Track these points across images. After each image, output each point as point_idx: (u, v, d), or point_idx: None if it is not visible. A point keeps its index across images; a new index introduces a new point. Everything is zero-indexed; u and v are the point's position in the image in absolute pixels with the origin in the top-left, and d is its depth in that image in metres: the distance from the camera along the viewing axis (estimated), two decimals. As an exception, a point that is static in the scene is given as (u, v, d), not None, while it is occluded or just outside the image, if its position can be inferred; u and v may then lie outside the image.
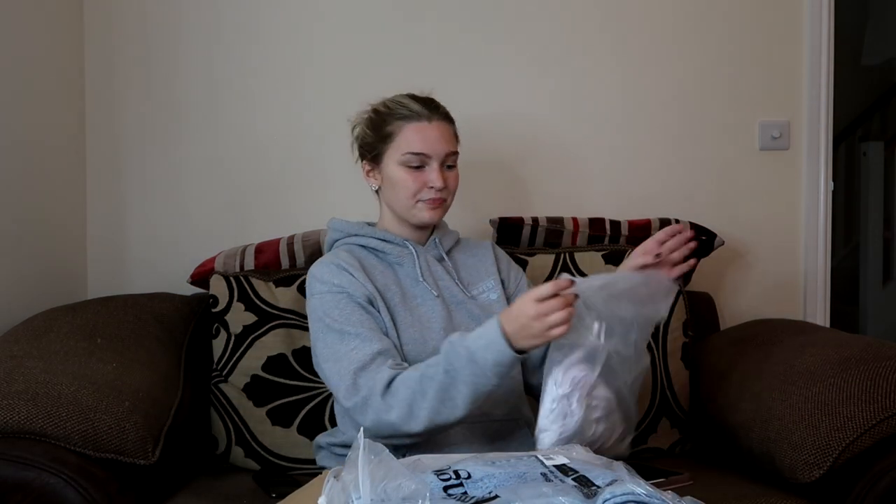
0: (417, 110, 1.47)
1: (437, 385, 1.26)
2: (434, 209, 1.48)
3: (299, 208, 2.06)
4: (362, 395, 1.31)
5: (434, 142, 1.46)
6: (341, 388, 1.34)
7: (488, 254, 1.61)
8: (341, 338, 1.38)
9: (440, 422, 1.28)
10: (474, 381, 1.24)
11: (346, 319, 1.39)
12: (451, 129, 1.51)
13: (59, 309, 1.68)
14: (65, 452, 1.24)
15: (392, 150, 1.47)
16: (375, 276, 1.47)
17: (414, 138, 1.46)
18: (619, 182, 2.15)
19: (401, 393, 1.29)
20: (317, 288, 1.45)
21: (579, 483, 0.89)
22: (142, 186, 2.06)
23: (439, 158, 1.46)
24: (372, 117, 1.52)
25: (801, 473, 1.35)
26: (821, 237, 2.20)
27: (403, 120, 1.47)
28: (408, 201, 1.48)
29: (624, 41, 2.14)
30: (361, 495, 0.81)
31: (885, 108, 4.59)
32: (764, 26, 2.17)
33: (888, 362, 1.43)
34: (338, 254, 1.50)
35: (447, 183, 1.48)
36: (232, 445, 1.69)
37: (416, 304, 1.47)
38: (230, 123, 2.07)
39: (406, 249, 1.52)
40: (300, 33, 2.08)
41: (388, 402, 1.29)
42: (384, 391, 1.30)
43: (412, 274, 1.50)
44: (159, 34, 2.05)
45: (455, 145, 1.51)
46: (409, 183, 1.46)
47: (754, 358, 1.67)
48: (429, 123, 1.46)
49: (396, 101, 1.50)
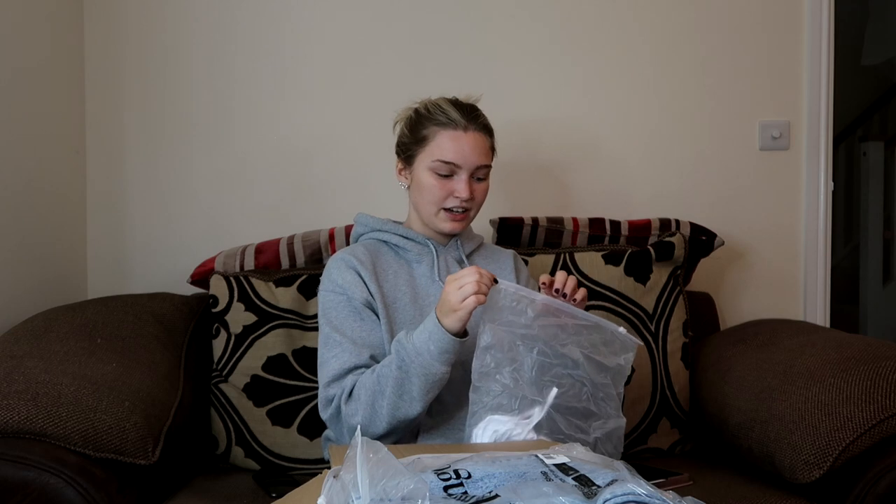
0: (455, 118, 1.45)
1: (392, 382, 1.31)
2: (456, 221, 1.48)
3: (299, 208, 2.07)
4: (334, 405, 1.39)
5: (467, 152, 1.44)
6: (319, 401, 1.43)
7: (509, 264, 1.61)
8: (326, 342, 1.43)
9: (401, 416, 1.32)
10: (424, 372, 1.29)
11: (337, 325, 1.43)
12: (488, 141, 1.49)
13: (59, 309, 1.68)
14: (65, 452, 1.24)
15: (424, 155, 1.47)
16: (387, 276, 1.48)
17: (447, 146, 1.44)
18: (620, 182, 2.15)
19: (362, 396, 1.35)
20: (325, 284, 1.49)
21: (580, 482, 0.89)
22: (141, 186, 2.07)
23: (469, 169, 1.45)
24: (412, 117, 1.51)
25: (801, 473, 1.35)
26: (821, 237, 2.20)
27: (439, 126, 1.46)
28: (432, 207, 1.47)
29: (623, 42, 2.14)
30: (361, 495, 0.81)
31: (885, 108, 4.59)
32: (764, 26, 2.18)
33: (888, 362, 1.43)
34: (354, 249, 1.52)
35: (474, 195, 1.47)
36: (232, 445, 1.69)
37: (429, 303, 1.48)
38: (230, 123, 2.07)
39: (426, 248, 1.52)
40: (301, 33, 2.08)
41: (352, 407, 1.36)
42: (348, 398, 1.36)
43: (428, 274, 1.51)
44: (159, 35, 2.06)
45: (488, 158, 1.49)
46: (435, 190, 1.46)
47: (754, 358, 1.67)
48: (464, 133, 1.45)
49: (437, 104, 1.48)
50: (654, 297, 1.84)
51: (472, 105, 1.51)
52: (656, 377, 1.80)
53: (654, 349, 1.81)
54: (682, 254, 1.87)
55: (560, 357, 1.27)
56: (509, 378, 1.25)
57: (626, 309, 1.82)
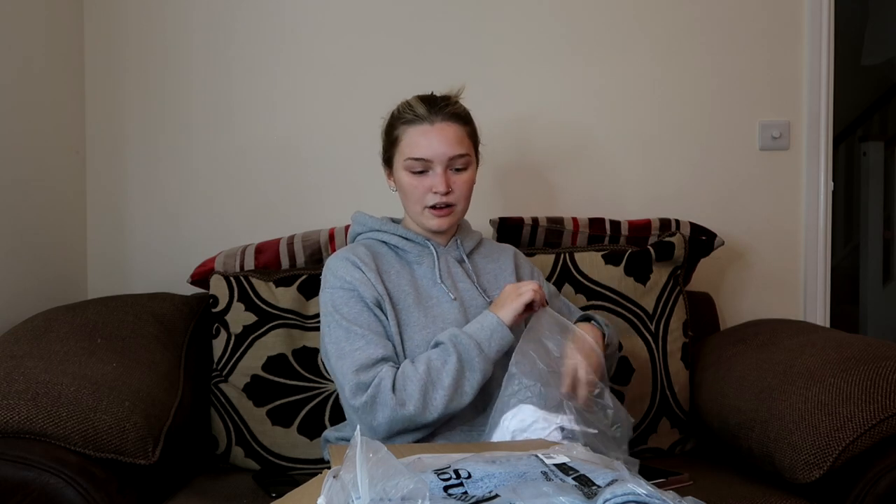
0: (420, 113, 1.43)
1: (450, 375, 1.32)
2: (441, 217, 1.45)
3: (299, 208, 2.07)
4: (369, 393, 1.33)
5: (435, 145, 1.42)
6: (346, 388, 1.36)
7: (509, 261, 1.60)
8: (347, 336, 1.39)
9: (451, 409, 1.34)
10: (483, 368, 1.34)
11: (353, 318, 1.40)
12: (460, 129, 1.45)
13: (59, 309, 1.68)
14: (65, 452, 1.24)
15: (398, 155, 1.46)
16: (389, 276, 1.47)
17: (415, 142, 1.43)
18: (620, 182, 2.15)
19: (410, 387, 1.32)
20: (330, 282, 1.46)
21: (580, 482, 0.89)
22: (142, 186, 2.07)
23: (442, 162, 1.42)
24: (386, 122, 1.50)
25: (801, 473, 1.35)
26: (821, 237, 2.20)
27: (406, 124, 1.44)
28: (416, 206, 1.46)
29: (623, 42, 2.14)
30: (361, 495, 0.81)
31: (885, 108, 4.59)
32: (764, 26, 2.17)
33: (888, 362, 1.43)
34: (355, 248, 1.49)
35: (453, 188, 1.44)
36: (232, 445, 1.69)
37: (432, 304, 1.46)
38: (230, 123, 2.07)
39: (427, 249, 1.51)
40: (302, 34, 2.08)
41: (401, 397, 1.32)
42: (393, 388, 1.33)
43: (430, 275, 1.49)
44: (159, 35, 2.06)
45: (463, 147, 1.44)
46: (413, 188, 1.45)
47: (754, 358, 1.67)
48: (431, 126, 1.42)
49: (407, 102, 1.47)
50: (654, 297, 1.84)
51: (442, 96, 1.47)
52: (656, 377, 1.80)
53: (654, 349, 1.81)
54: (682, 254, 1.87)
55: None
56: (544, 375, 1.30)
57: (626, 309, 1.82)
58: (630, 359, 1.80)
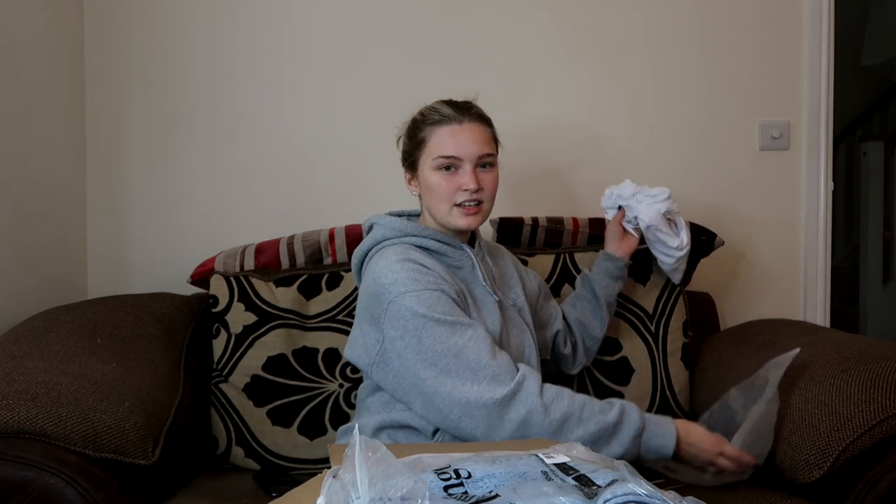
0: (448, 114, 1.45)
1: (600, 426, 1.30)
2: (470, 215, 1.45)
3: (299, 208, 2.07)
4: (517, 381, 1.30)
5: (465, 143, 1.43)
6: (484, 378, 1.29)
7: (509, 263, 1.63)
8: (454, 331, 1.32)
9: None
10: (625, 450, 1.31)
11: (451, 312, 1.34)
12: (487, 130, 1.48)
13: (59, 309, 1.68)
14: (65, 452, 1.24)
15: (425, 156, 1.46)
16: (445, 279, 1.42)
17: (445, 141, 1.43)
18: (620, 182, 2.14)
19: (559, 405, 1.30)
20: (408, 286, 1.34)
21: (580, 482, 0.89)
22: (142, 186, 2.07)
23: (472, 160, 1.43)
24: (410, 126, 1.51)
25: (801, 473, 1.35)
26: (821, 237, 2.20)
27: (435, 125, 1.45)
28: (444, 206, 1.45)
29: (622, 43, 2.14)
30: (360, 495, 0.81)
31: (885, 108, 4.59)
32: (764, 26, 2.17)
33: (888, 362, 1.43)
34: (406, 252, 1.41)
35: (483, 185, 1.44)
36: (232, 445, 1.69)
37: (480, 306, 1.45)
38: (230, 123, 2.07)
39: (464, 252, 1.49)
40: (304, 34, 2.08)
41: (546, 405, 1.29)
42: (541, 392, 1.30)
43: (472, 277, 1.48)
44: (159, 35, 2.05)
45: (490, 147, 1.47)
46: (443, 187, 1.44)
47: (754, 358, 1.67)
48: (459, 126, 1.44)
49: (431, 106, 1.49)
50: (654, 297, 1.84)
51: (466, 101, 1.49)
52: (656, 377, 1.80)
53: (654, 349, 1.81)
54: (682, 254, 1.87)
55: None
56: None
57: (626, 309, 1.82)
58: (630, 359, 1.80)
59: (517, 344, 1.47)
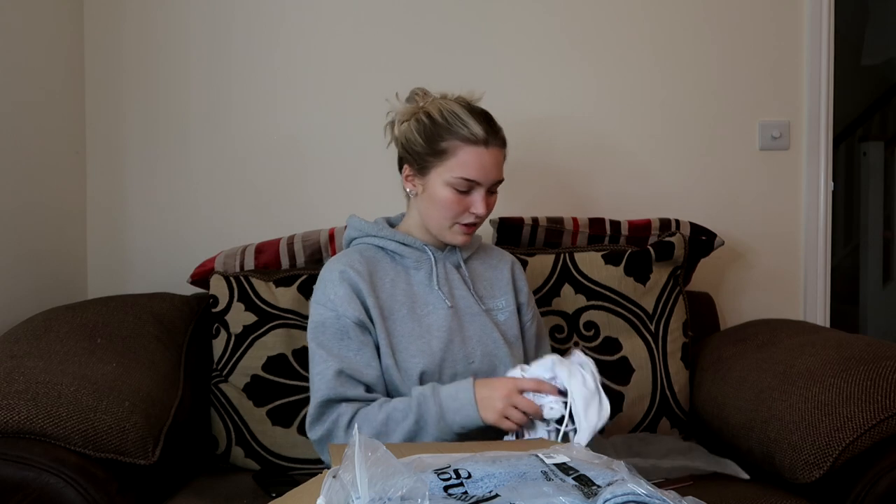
0: (478, 134, 1.39)
1: (404, 431, 1.32)
2: (468, 234, 1.46)
3: (299, 208, 2.07)
4: (326, 427, 1.37)
5: (488, 169, 1.41)
6: (308, 418, 1.40)
7: (506, 272, 1.57)
8: (315, 355, 1.41)
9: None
10: (439, 436, 1.32)
11: (327, 336, 1.41)
12: (503, 154, 1.45)
13: (59, 309, 1.68)
14: (65, 452, 1.24)
15: (443, 169, 1.40)
16: (384, 285, 1.45)
17: (470, 163, 1.39)
18: (620, 182, 2.15)
19: (366, 429, 1.32)
20: (317, 295, 1.45)
21: (580, 482, 0.89)
22: (141, 187, 2.07)
23: (488, 185, 1.42)
24: (426, 124, 1.42)
25: (801, 473, 1.35)
26: (821, 237, 2.20)
27: (462, 141, 1.39)
28: (445, 222, 1.44)
29: (622, 43, 2.14)
30: (360, 494, 0.81)
31: (885, 108, 4.59)
32: (764, 26, 2.18)
33: (888, 362, 1.43)
34: (350, 257, 1.46)
35: (488, 208, 1.45)
36: (232, 445, 1.69)
37: (427, 312, 1.45)
38: (230, 123, 2.07)
39: (424, 255, 1.49)
40: (304, 34, 2.08)
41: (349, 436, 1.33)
42: (347, 427, 1.34)
43: (426, 281, 1.48)
44: (159, 36, 2.05)
45: (502, 171, 1.45)
46: (453, 205, 1.41)
47: (754, 358, 1.67)
48: (486, 149, 1.40)
49: (455, 113, 1.41)
50: (654, 297, 1.84)
51: (489, 115, 1.44)
52: (656, 377, 1.80)
53: (654, 349, 1.81)
54: (682, 254, 1.87)
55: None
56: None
57: (626, 309, 1.82)
58: (630, 359, 1.80)
59: (484, 352, 1.46)
